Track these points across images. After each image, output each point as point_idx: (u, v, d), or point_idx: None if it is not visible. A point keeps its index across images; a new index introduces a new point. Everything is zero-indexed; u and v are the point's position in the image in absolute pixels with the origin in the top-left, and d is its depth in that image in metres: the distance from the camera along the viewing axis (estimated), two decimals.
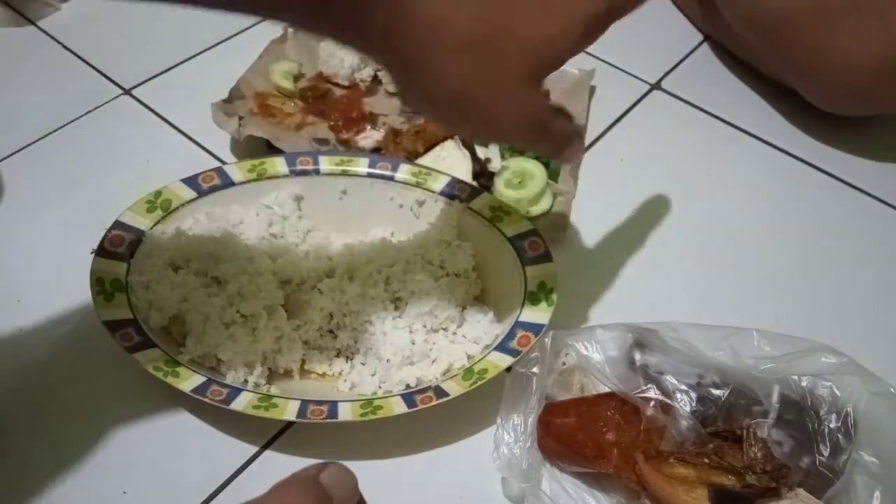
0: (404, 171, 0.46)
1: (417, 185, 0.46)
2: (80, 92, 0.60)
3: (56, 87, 0.60)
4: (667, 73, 0.61)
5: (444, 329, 0.41)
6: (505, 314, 0.41)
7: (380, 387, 0.39)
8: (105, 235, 0.42)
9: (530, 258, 0.42)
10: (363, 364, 0.41)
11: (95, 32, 0.66)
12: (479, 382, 0.37)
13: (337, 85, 0.58)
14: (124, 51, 0.64)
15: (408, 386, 0.39)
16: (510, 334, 0.39)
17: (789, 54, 0.52)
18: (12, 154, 0.55)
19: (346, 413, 0.36)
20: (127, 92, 0.60)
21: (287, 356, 0.40)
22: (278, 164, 0.46)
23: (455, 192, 0.45)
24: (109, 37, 0.65)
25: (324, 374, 0.41)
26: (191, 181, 0.45)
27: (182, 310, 0.40)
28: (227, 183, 0.46)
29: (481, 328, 0.40)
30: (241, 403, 0.37)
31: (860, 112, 0.54)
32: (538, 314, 0.39)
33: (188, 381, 0.37)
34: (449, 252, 0.44)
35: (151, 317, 0.39)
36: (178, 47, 0.64)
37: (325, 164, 0.47)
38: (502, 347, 0.39)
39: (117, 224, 0.43)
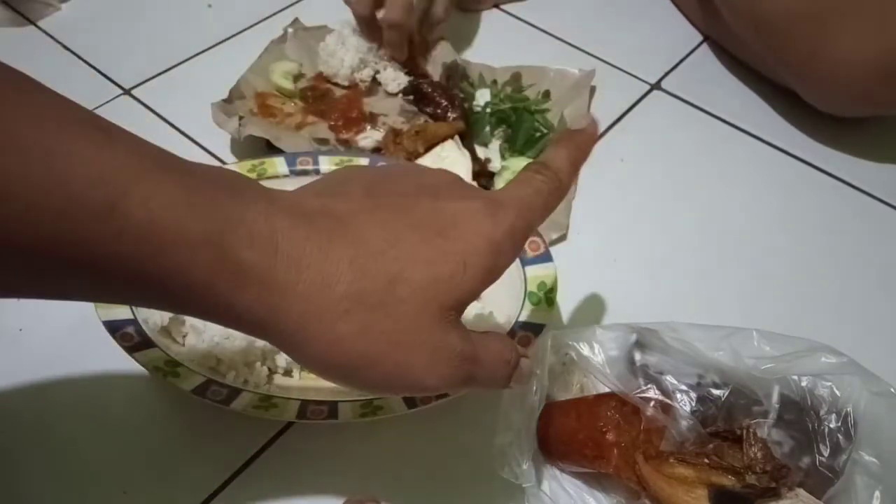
0: None
1: None
2: (80, 92, 0.59)
3: (56, 87, 0.60)
4: (667, 74, 0.61)
5: None
6: (505, 314, 0.41)
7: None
8: None
9: (530, 258, 0.42)
10: None
11: (95, 32, 0.66)
12: None
13: (337, 85, 0.58)
14: (124, 51, 0.64)
15: None
16: (510, 334, 0.39)
17: (788, 55, 0.52)
18: None
19: (345, 413, 0.36)
20: (127, 92, 0.60)
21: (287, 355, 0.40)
22: (278, 165, 0.46)
23: None
24: (109, 37, 0.65)
25: None
26: None
27: None
28: None
29: (481, 328, 0.40)
30: (242, 403, 0.37)
31: (859, 113, 0.54)
32: (538, 314, 0.39)
33: (188, 380, 0.37)
34: None
35: (151, 316, 0.39)
36: (178, 47, 0.64)
37: (325, 164, 0.47)
38: None
39: None
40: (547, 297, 0.40)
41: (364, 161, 0.47)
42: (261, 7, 0.68)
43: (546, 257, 0.42)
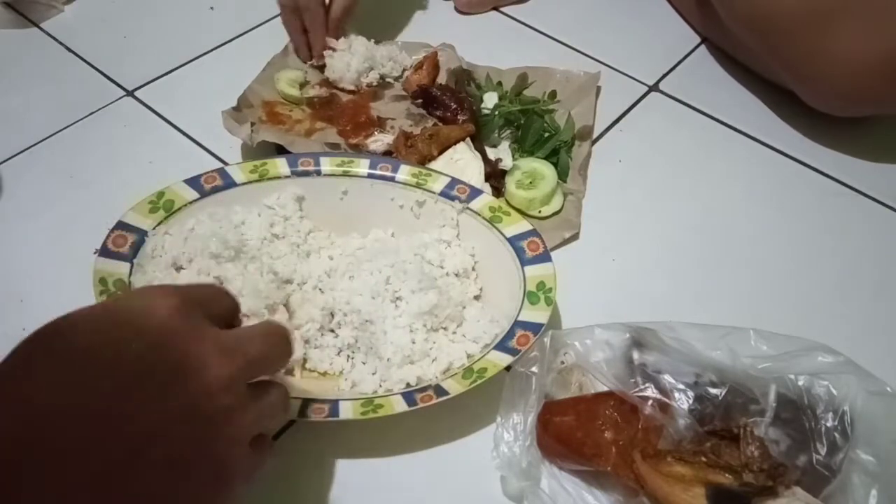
0: (404, 172, 0.46)
1: (417, 185, 0.46)
2: (82, 93, 0.60)
3: (59, 89, 0.61)
4: (665, 75, 0.62)
5: (444, 328, 0.41)
6: (504, 314, 0.41)
7: (380, 385, 0.39)
8: (108, 236, 0.42)
9: (529, 258, 0.42)
10: (364, 363, 0.41)
11: (98, 34, 0.66)
12: (479, 381, 0.37)
13: (342, 90, 0.58)
14: (127, 52, 0.64)
15: (408, 384, 0.39)
16: (509, 333, 0.39)
17: (785, 56, 0.53)
18: (15, 155, 0.56)
19: (346, 411, 0.37)
20: (129, 93, 0.61)
21: None
22: (280, 165, 0.47)
23: (454, 193, 0.45)
24: (112, 38, 0.66)
25: (325, 373, 0.41)
26: (193, 182, 0.45)
27: None
28: (230, 184, 0.46)
29: (481, 327, 0.41)
30: None
31: (856, 113, 0.54)
32: (537, 314, 0.40)
33: None
34: (448, 252, 0.44)
35: None
36: (180, 49, 0.64)
37: (327, 165, 0.47)
38: (502, 346, 0.39)
39: (120, 224, 0.43)
40: (546, 296, 0.40)
41: (365, 162, 0.47)
42: (263, 9, 0.68)
43: (545, 257, 0.42)
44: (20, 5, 0.68)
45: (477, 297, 0.44)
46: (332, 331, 0.42)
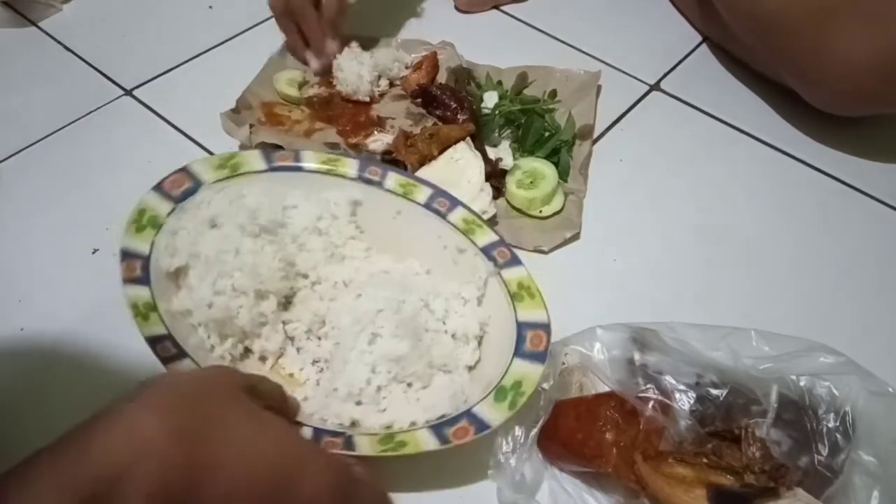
0: (458, 215, 0.44)
1: (465, 232, 0.43)
2: (81, 92, 0.60)
3: (57, 88, 0.60)
4: (666, 74, 0.61)
5: (409, 384, 0.39)
6: (470, 397, 0.38)
7: (319, 411, 0.38)
8: (169, 175, 0.43)
9: (527, 352, 0.38)
10: (327, 381, 0.39)
11: (97, 33, 0.66)
12: (393, 452, 0.35)
13: (357, 102, 0.57)
14: (125, 52, 0.64)
15: (340, 424, 0.37)
16: (454, 420, 0.36)
17: (787, 55, 0.53)
18: (14, 154, 0.55)
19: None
20: (128, 92, 0.60)
21: (265, 343, 0.40)
22: (348, 165, 0.46)
23: (494, 254, 0.42)
24: (111, 38, 0.66)
25: (292, 375, 0.41)
26: (266, 155, 0.45)
27: (190, 263, 0.40)
28: (297, 167, 0.45)
29: (439, 399, 0.38)
30: None
31: (858, 112, 0.54)
32: (492, 413, 0.36)
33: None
34: (460, 311, 0.41)
35: (162, 258, 0.40)
36: (178, 48, 0.64)
37: (391, 181, 0.45)
38: (437, 428, 0.36)
39: (184, 169, 0.43)
40: (514, 398, 0.36)
41: (427, 191, 0.45)
42: (262, 8, 0.68)
43: (541, 356, 0.37)
44: (19, 4, 0.68)
45: (470, 368, 0.40)
46: (320, 339, 0.41)
